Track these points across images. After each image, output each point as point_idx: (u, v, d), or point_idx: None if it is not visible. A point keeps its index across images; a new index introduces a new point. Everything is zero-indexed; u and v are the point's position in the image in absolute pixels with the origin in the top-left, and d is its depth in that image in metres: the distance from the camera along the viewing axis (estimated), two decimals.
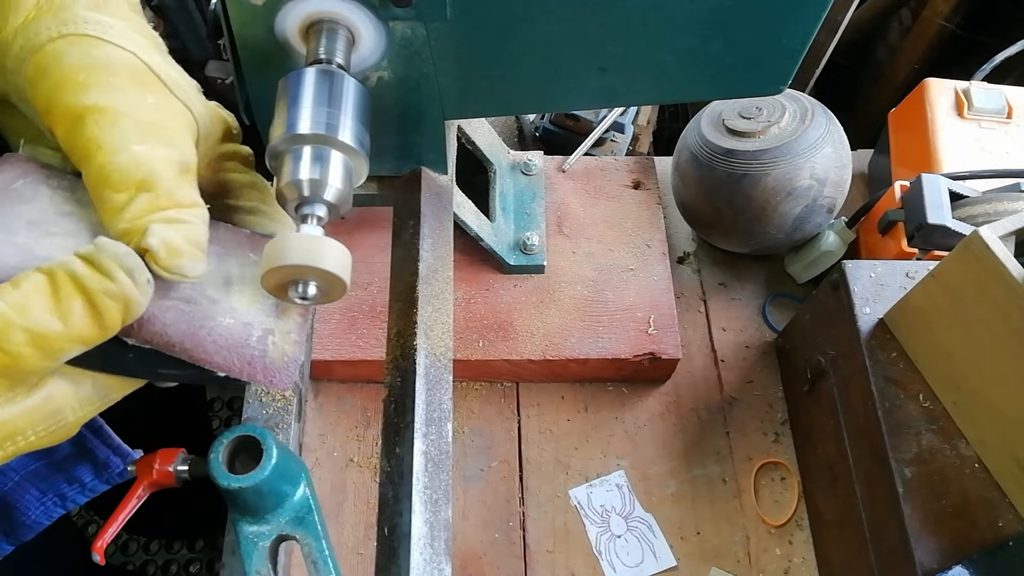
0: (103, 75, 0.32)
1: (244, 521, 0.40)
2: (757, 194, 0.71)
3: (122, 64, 0.33)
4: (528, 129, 0.92)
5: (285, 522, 0.40)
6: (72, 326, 0.28)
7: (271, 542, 0.40)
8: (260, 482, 0.38)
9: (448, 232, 0.54)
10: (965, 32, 1.17)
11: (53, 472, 0.43)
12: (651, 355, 0.72)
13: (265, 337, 0.35)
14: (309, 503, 0.41)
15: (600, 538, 0.69)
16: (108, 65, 0.32)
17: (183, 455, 0.42)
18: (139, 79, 0.33)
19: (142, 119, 0.32)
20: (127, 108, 0.32)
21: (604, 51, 0.46)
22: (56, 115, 0.31)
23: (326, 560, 0.40)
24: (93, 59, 0.32)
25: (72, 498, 0.43)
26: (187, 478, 0.42)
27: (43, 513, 0.43)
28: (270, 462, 0.38)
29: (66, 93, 0.31)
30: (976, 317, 0.53)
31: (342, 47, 0.42)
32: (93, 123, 0.31)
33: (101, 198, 0.31)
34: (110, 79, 0.32)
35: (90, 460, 0.43)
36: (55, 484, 0.43)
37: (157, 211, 0.31)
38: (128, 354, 0.33)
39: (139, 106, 0.32)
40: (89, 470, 0.43)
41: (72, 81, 0.31)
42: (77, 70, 0.31)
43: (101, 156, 0.30)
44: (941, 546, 0.54)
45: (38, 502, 0.42)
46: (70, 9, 0.33)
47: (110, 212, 0.31)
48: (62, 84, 0.31)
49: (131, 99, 0.32)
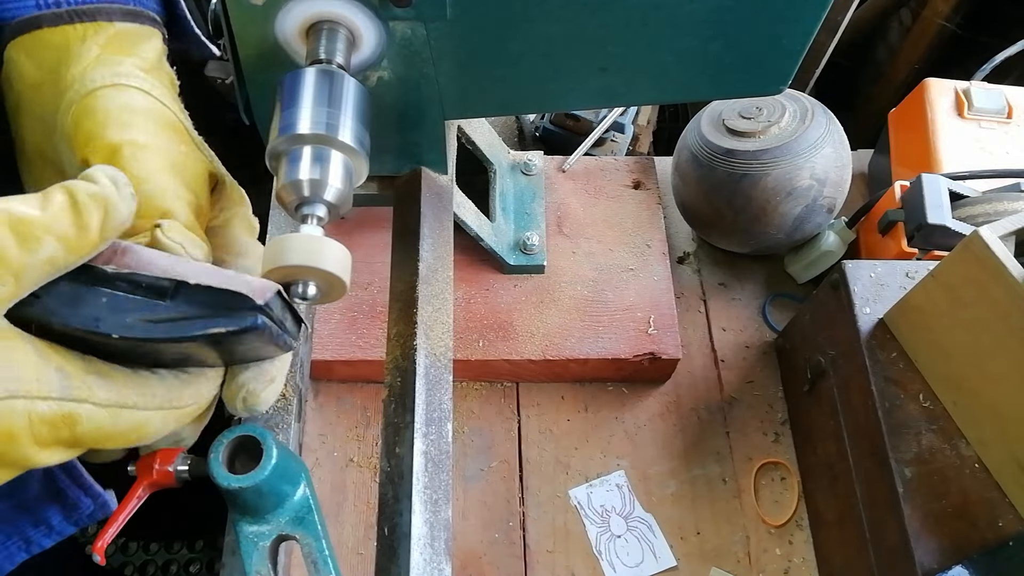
0: (144, 120, 0.37)
1: (244, 521, 0.40)
2: (757, 194, 0.71)
3: (162, 116, 0.38)
4: (528, 129, 0.92)
5: (285, 522, 0.40)
6: (52, 214, 0.29)
7: (271, 542, 0.40)
8: (260, 482, 0.38)
9: (448, 232, 0.54)
10: (965, 32, 1.17)
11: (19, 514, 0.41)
12: (651, 355, 0.72)
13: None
14: (309, 503, 0.41)
15: (600, 538, 0.69)
16: (150, 113, 0.37)
17: (183, 455, 0.42)
18: (174, 130, 0.38)
19: (173, 160, 0.37)
20: (161, 148, 0.37)
21: (604, 51, 0.46)
22: (94, 146, 0.35)
23: (326, 560, 0.40)
24: (138, 105, 0.37)
25: (38, 541, 0.41)
26: (187, 478, 0.42)
27: (6, 558, 0.41)
28: (270, 462, 0.38)
29: (108, 128, 0.36)
30: (976, 317, 0.53)
31: (342, 47, 0.42)
32: (129, 154, 0.35)
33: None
34: (150, 125, 0.37)
35: (59, 501, 0.41)
36: (20, 527, 0.41)
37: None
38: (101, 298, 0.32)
39: (172, 151, 0.37)
40: (58, 511, 0.41)
41: (116, 120, 0.36)
42: (122, 111, 0.36)
43: (133, 183, 0.33)
44: (941, 546, 0.54)
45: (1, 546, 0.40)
46: (124, 64, 0.38)
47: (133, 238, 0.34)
48: (106, 121, 0.36)
49: (165, 143, 0.37)
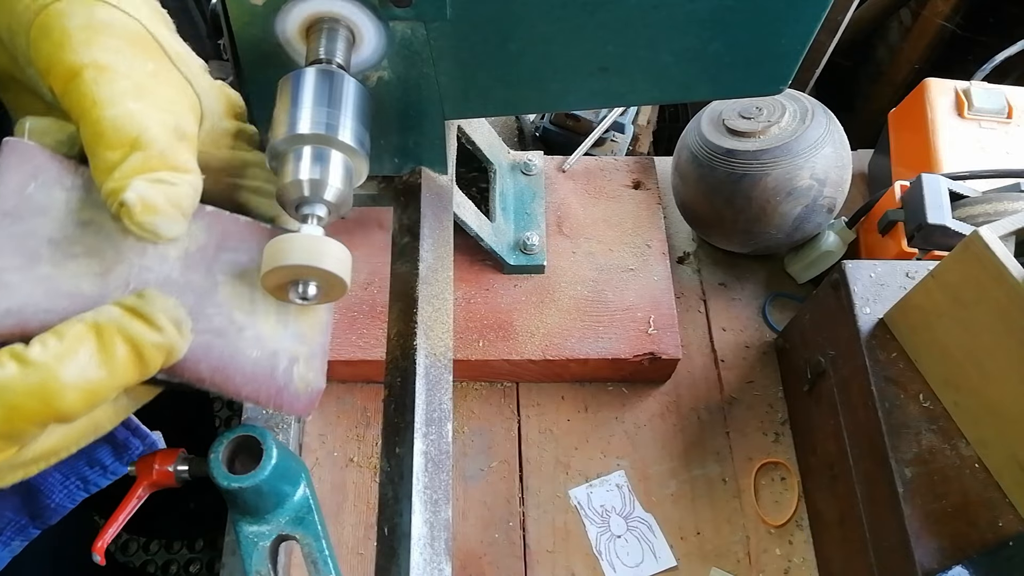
0: (104, 36, 0.32)
1: (244, 521, 0.40)
2: (757, 194, 0.71)
3: (124, 28, 0.33)
4: (528, 129, 0.92)
5: (285, 522, 0.40)
6: (117, 376, 0.28)
7: (271, 542, 0.40)
8: (260, 482, 0.38)
9: (448, 232, 0.54)
10: (965, 32, 1.17)
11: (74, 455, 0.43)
12: (651, 355, 0.72)
13: (291, 367, 0.36)
14: (309, 503, 0.41)
15: (600, 538, 0.69)
16: (110, 26, 0.32)
17: (183, 455, 0.42)
18: (141, 45, 0.33)
19: (140, 81, 0.32)
20: (125, 69, 0.31)
21: (604, 51, 0.46)
22: (55, 73, 0.31)
23: (326, 560, 0.40)
24: (96, 19, 0.32)
25: (94, 481, 0.43)
26: (187, 478, 0.42)
27: (66, 496, 0.43)
28: (270, 462, 0.38)
29: (65, 50, 0.31)
30: (976, 317, 0.53)
31: (342, 47, 0.42)
32: (91, 79, 0.31)
33: (95, 155, 0.30)
34: (110, 40, 0.32)
35: (110, 442, 0.43)
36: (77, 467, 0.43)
37: (147, 171, 0.30)
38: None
39: (138, 70, 0.32)
40: (109, 452, 0.43)
41: (72, 39, 0.31)
42: (79, 29, 0.31)
43: (96, 111, 0.30)
44: (941, 546, 0.54)
45: (61, 485, 0.42)
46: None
47: (102, 170, 0.30)
48: (62, 42, 0.31)
49: (130, 62, 0.32)
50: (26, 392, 0.26)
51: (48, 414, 0.27)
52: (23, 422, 0.27)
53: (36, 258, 0.30)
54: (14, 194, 0.30)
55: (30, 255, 0.30)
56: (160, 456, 0.42)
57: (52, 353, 0.27)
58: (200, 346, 0.33)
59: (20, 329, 0.28)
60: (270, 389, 0.35)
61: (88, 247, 0.31)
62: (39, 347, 0.27)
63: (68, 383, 0.27)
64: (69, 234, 0.31)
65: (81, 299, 0.30)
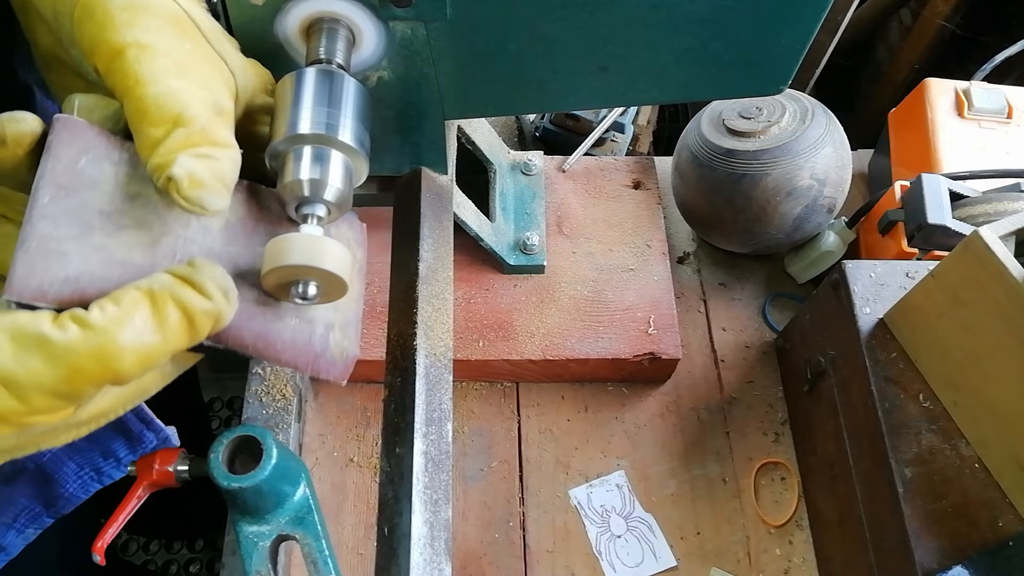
0: (144, 16, 0.33)
1: (244, 521, 0.40)
2: (757, 194, 0.71)
3: (163, 8, 0.34)
4: (528, 129, 0.92)
5: (285, 522, 0.41)
6: (170, 340, 0.29)
7: (271, 542, 0.40)
8: (260, 482, 0.38)
9: (448, 232, 0.54)
10: (965, 32, 1.17)
11: (90, 445, 0.44)
12: (651, 355, 0.72)
13: (327, 334, 0.37)
14: (309, 503, 0.41)
15: (600, 538, 0.69)
16: (150, 7, 0.33)
17: (183, 455, 0.42)
18: (179, 25, 0.34)
19: (179, 60, 0.33)
20: (165, 48, 0.33)
21: (604, 51, 0.46)
22: (99, 53, 0.32)
23: (326, 560, 0.40)
24: (136, 1, 0.33)
25: (108, 472, 0.44)
26: (187, 478, 0.42)
27: (80, 487, 0.44)
28: (270, 462, 0.38)
29: (108, 30, 0.32)
30: (976, 317, 0.53)
31: (342, 47, 0.42)
32: (133, 58, 0.32)
33: (139, 132, 0.31)
34: (151, 20, 0.33)
35: (124, 435, 0.43)
36: (91, 458, 0.43)
37: (190, 147, 0.31)
38: None
39: (177, 48, 0.33)
40: (124, 444, 0.44)
41: (115, 19, 0.32)
42: (120, 9, 0.33)
43: (139, 89, 0.31)
44: (941, 546, 0.54)
45: (75, 475, 0.43)
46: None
47: (146, 146, 0.31)
48: (105, 22, 0.32)
49: (170, 41, 0.33)
50: (87, 354, 0.27)
51: (106, 375, 0.28)
52: (83, 382, 0.28)
53: (90, 229, 0.31)
54: (67, 168, 0.31)
55: (84, 226, 0.31)
56: (160, 456, 0.42)
57: (110, 317, 0.28)
58: (244, 313, 0.34)
59: (79, 296, 0.29)
60: (308, 355, 0.36)
61: (137, 219, 0.33)
62: (98, 311, 0.28)
63: (126, 346, 0.28)
64: (119, 207, 0.32)
65: (133, 268, 0.31)
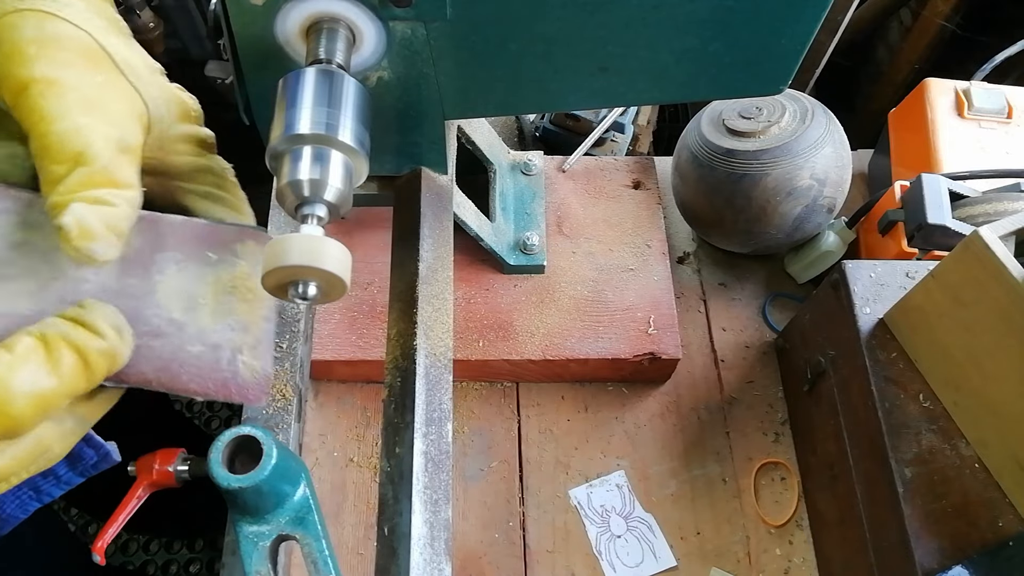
0: (53, 49, 0.32)
1: (244, 521, 0.40)
2: (757, 194, 0.71)
3: (74, 41, 0.33)
4: (528, 129, 0.92)
5: (285, 522, 0.40)
6: (66, 383, 0.29)
7: (271, 542, 0.40)
8: (260, 482, 0.38)
9: (448, 232, 0.54)
10: (965, 32, 1.17)
11: None
12: (651, 355, 0.72)
13: (235, 357, 0.37)
14: (309, 503, 0.41)
15: (600, 538, 0.69)
16: (59, 40, 0.33)
17: (183, 455, 0.42)
18: (89, 57, 0.33)
19: (87, 95, 0.32)
20: (73, 83, 0.32)
21: (604, 51, 0.46)
22: (6, 87, 0.32)
23: (326, 560, 0.40)
24: (45, 33, 0.32)
25: (47, 491, 0.43)
26: (187, 478, 0.42)
27: (18, 507, 0.43)
28: (270, 462, 0.38)
29: (16, 64, 0.32)
30: (976, 317, 0.53)
31: (342, 47, 0.42)
32: (38, 93, 0.31)
33: (41, 168, 0.31)
34: (60, 54, 0.32)
35: None
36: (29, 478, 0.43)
37: (90, 187, 0.31)
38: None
39: (86, 83, 0.33)
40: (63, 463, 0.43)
41: (22, 53, 0.32)
42: (28, 43, 0.32)
43: (43, 125, 0.31)
44: (941, 546, 0.54)
45: (13, 495, 0.43)
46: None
47: (47, 183, 0.31)
48: (12, 55, 0.32)
49: (79, 75, 0.33)
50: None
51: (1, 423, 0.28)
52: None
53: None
54: None
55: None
56: (160, 456, 0.42)
57: (3, 363, 0.28)
58: (142, 348, 0.34)
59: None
60: (217, 382, 0.36)
61: (23, 267, 0.33)
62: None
63: (20, 391, 0.28)
64: (3, 256, 0.32)
65: (18, 318, 0.31)
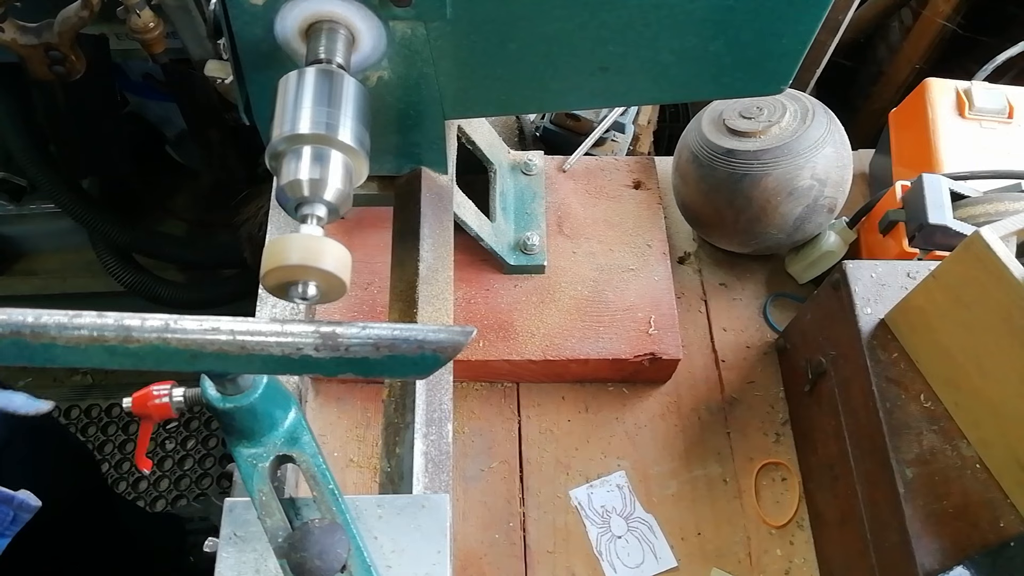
0: None
1: (241, 445, 0.41)
2: (758, 194, 0.71)
3: None
4: (528, 129, 0.92)
5: (280, 443, 0.41)
6: None
7: (270, 463, 0.41)
8: (253, 401, 0.38)
9: (448, 232, 0.54)
10: (966, 32, 1.17)
11: None
12: (651, 355, 0.72)
13: None
14: (302, 423, 0.42)
15: (601, 538, 0.69)
16: None
17: (173, 386, 0.43)
18: None
19: None
20: None
21: (604, 51, 0.46)
22: None
23: (324, 472, 0.41)
24: None
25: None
26: (183, 407, 0.43)
27: None
28: (261, 381, 0.39)
29: None
30: (977, 317, 0.53)
31: (342, 47, 0.42)
32: None
33: None
34: None
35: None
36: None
37: None
38: None
39: None
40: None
41: None
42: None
43: None
44: (942, 546, 0.53)
45: None
46: None
47: None
48: None
49: None
50: None
51: None
52: None
53: None
54: None
55: None
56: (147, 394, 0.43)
57: None
58: None
59: None
60: None
61: None
62: None
63: None
64: None
65: None
